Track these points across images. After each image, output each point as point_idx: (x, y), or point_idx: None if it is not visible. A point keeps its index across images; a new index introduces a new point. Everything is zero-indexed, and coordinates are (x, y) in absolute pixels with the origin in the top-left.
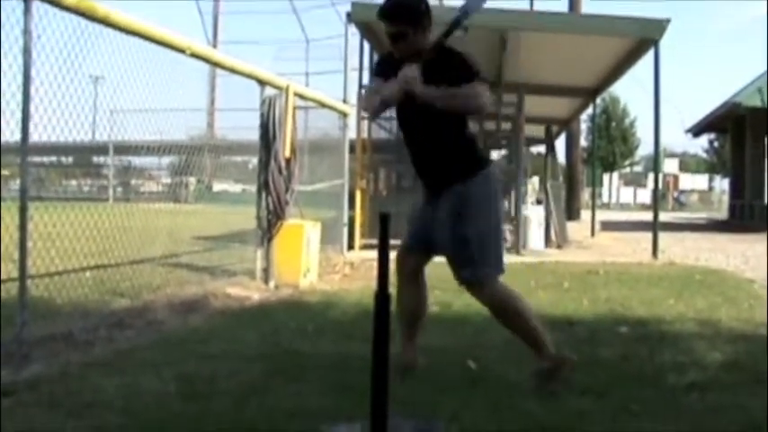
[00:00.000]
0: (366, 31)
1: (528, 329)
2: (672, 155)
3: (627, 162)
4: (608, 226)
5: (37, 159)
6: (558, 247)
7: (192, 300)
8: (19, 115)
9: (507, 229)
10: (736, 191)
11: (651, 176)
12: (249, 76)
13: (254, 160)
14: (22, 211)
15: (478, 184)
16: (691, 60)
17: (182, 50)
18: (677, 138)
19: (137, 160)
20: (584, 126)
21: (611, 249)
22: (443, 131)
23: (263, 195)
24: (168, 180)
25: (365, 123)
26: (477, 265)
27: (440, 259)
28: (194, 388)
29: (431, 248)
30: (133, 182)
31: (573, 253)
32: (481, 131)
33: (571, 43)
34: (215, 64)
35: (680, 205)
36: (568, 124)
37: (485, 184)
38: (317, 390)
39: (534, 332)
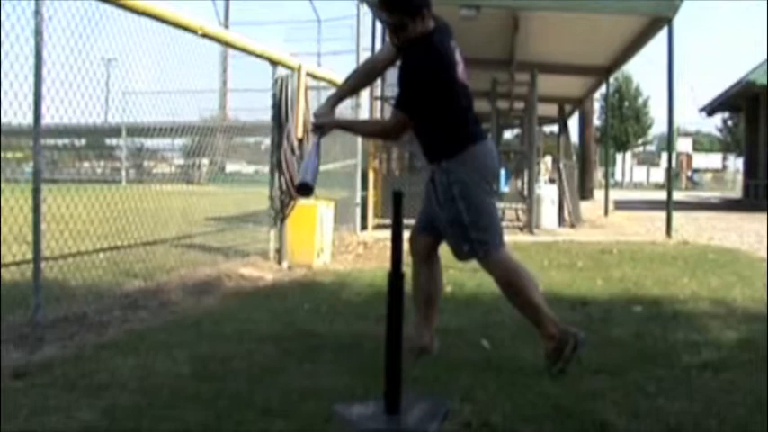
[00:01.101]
0: (377, 14)
1: (529, 306)
2: (685, 134)
3: (640, 141)
4: (621, 205)
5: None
6: (572, 226)
7: (206, 280)
8: (31, 98)
9: (520, 208)
10: (749, 170)
11: (664, 155)
12: (261, 56)
13: (267, 141)
14: (36, 192)
15: (464, 161)
16: (705, 38)
17: (193, 31)
18: (691, 117)
19: (149, 142)
20: (597, 105)
21: (624, 228)
22: (426, 110)
23: (276, 176)
24: (181, 161)
25: (378, 103)
26: (474, 242)
27: None
28: (208, 369)
29: (437, 228)
30: (146, 164)
31: (586, 232)
32: (494, 111)
33: (584, 22)
34: (227, 44)
35: (693, 184)
36: (581, 103)
37: (472, 159)
38: (330, 370)
39: (535, 309)
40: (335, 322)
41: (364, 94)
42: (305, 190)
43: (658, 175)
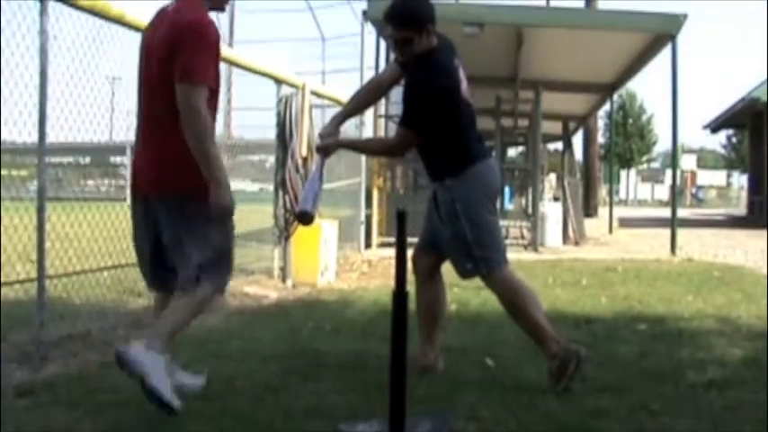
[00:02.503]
0: (382, 29)
1: (532, 324)
2: (689, 151)
3: (644, 158)
4: (626, 222)
5: (54, 160)
6: (576, 244)
7: None
8: (36, 116)
9: (524, 226)
10: (754, 186)
11: (669, 173)
12: (266, 74)
13: (272, 159)
14: (40, 211)
15: (467, 179)
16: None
17: None
18: (695, 134)
19: None
20: (601, 123)
21: (629, 246)
22: (430, 128)
23: (281, 194)
24: None
25: (381, 121)
26: (478, 259)
27: None
28: (212, 387)
29: (440, 246)
30: None
31: (591, 250)
32: (498, 128)
33: (588, 39)
34: (231, 63)
35: (698, 201)
36: (585, 121)
37: (475, 178)
38: (334, 389)
39: (538, 327)
40: (340, 341)
41: (368, 112)
42: (305, 218)
43: (663, 192)
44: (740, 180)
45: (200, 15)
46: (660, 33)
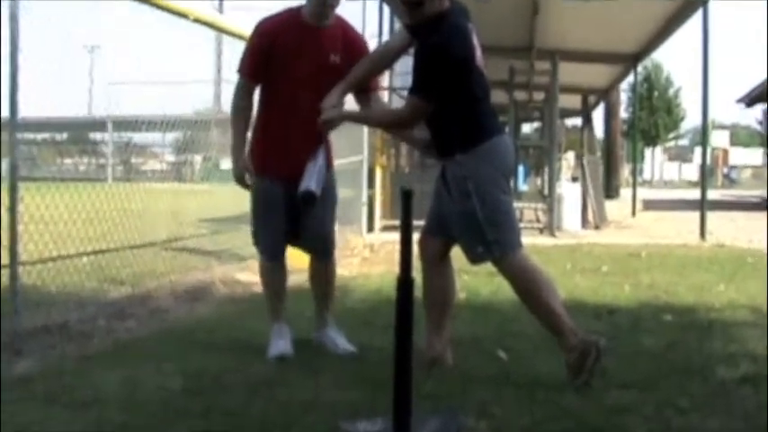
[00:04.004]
0: None
1: (548, 313)
2: (721, 127)
3: (671, 135)
4: (651, 205)
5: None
6: (596, 227)
7: (199, 287)
8: (7, 88)
9: (540, 208)
10: None
11: (698, 150)
12: None
13: None
14: (12, 190)
15: (480, 155)
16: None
17: (184, 16)
18: (727, 108)
19: (137, 137)
20: (624, 96)
21: (654, 230)
22: (442, 97)
23: None
24: (172, 158)
25: (385, 94)
26: (490, 242)
27: None
28: (201, 382)
29: (449, 229)
30: (134, 160)
31: (612, 234)
32: (511, 102)
33: (611, 4)
34: (221, 30)
35: (730, 182)
36: (607, 94)
37: (488, 154)
38: (334, 383)
39: (555, 317)
40: (339, 331)
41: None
42: (308, 199)
43: (691, 171)
44: None
45: None
46: None
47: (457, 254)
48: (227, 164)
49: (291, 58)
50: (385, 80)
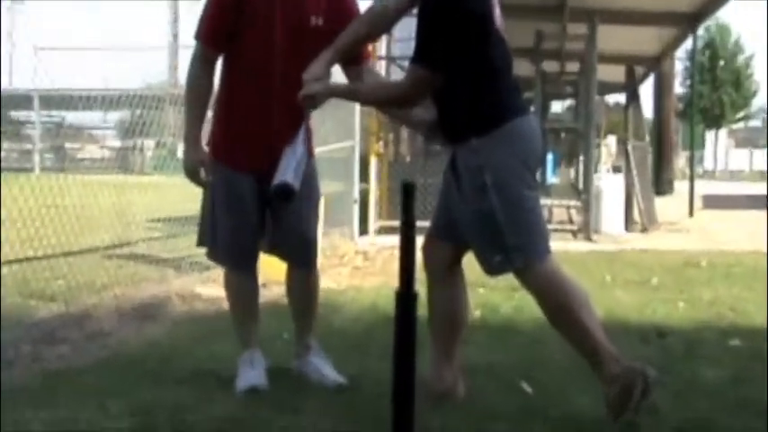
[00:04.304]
0: None
1: (583, 336)
2: None
3: (739, 115)
4: (713, 201)
5: None
6: (644, 230)
7: (151, 303)
8: None
9: (574, 206)
10: None
11: None
12: None
13: None
14: None
15: (499, 140)
16: None
17: None
18: None
19: (72, 116)
20: (679, 66)
21: (716, 233)
22: (452, 68)
23: None
24: (116, 143)
25: (382, 65)
26: (511, 249)
27: None
28: (153, 422)
29: (460, 233)
30: (68, 145)
31: (664, 238)
32: (538, 74)
33: None
34: None
35: None
36: (658, 64)
37: (509, 139)
38: (319, 421)
39: (591, 341)
40: (325, 358)
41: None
42: (285, 193)
43: (765, 160)
44: None
45: None
46: None
47: (470, 263)
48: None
49: (262, 21)
50: (381, 48)
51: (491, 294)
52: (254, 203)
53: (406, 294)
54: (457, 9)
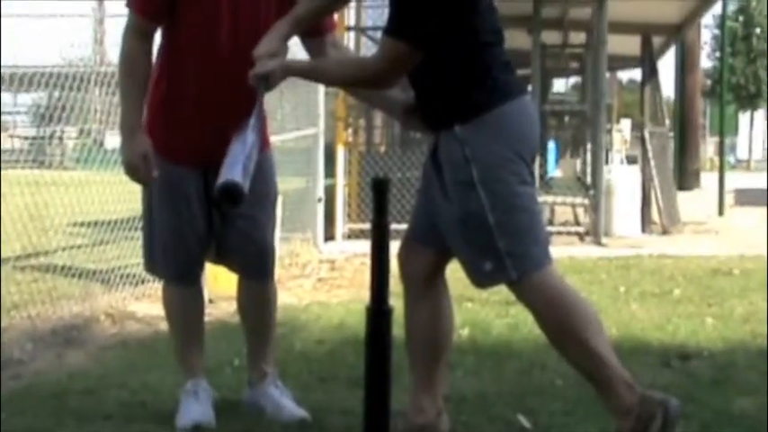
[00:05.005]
0: None
1: (589, 359)
2: None
3: None
4: (747, 197)
5: None
6: (664, 231)
7: (73, 324)
8: None
9: (580, 204)
10: None
11: None
12: None
13: None
14: None
15: (489, 127)
16: None
17: None
18: None
19: None
20: (707, 36)
21: (751, 235)
22: (432, 43)
23: None
24: (30, 131)
25: (350, 36)
26: (504, 255)
27: None
28: None
29: (443, 237)
30: None
31: (688, 242)
32: (537, 47)
33: None
34: None
35: None
36: (680, 33)
37: (500, 125)
38: None
39: (599, 364)
40: (284, 388)
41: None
42: (231, 195)
43: None
44: None
45: None
46: None
47: (456, 272)
48: (114, 141)
49: None
50: (349, 16)
51: (481, 310)
52: (198, 204)
53: (378, 310)
54: None
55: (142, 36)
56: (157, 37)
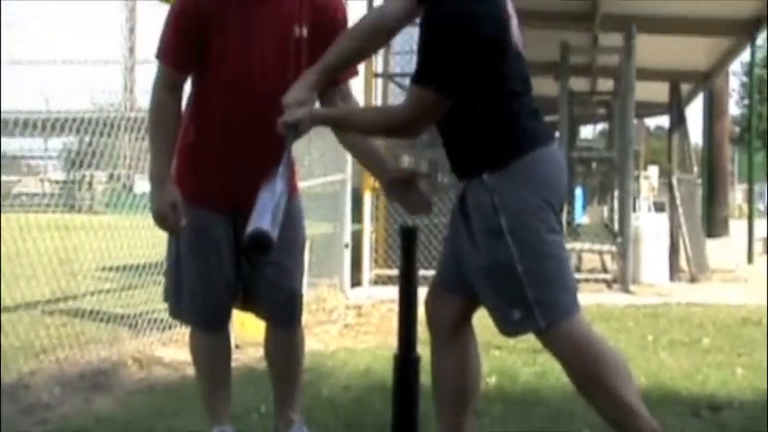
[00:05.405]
0: None
1: (618, 408)
2: None
3: None
4: None
5: None
6: (693, 279)
7: (101, 369)
8: None
9: (608, 251)
10: None
11: None
12: None
13: None
14: None
15: (517, 175)
16: None
17: None
18: None
19: (7, 143)
20: (735, 82)
21: None
22: (465, 97)
23: None
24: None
25: (378, 83)
26: (532, 304)
27: None
28: None
29: (471, 284)
30: (2, 178)
31: (717, 290)
32: (564, 94)
33: None
34: None
35: None
36: (708, 80)
37: (528, 174)
38: None
39: (628, 413)
40: None
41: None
42: (260, 244)
43: None
44: None
45: None
46: None
47: (483, 319)
48: (143, 185)
49: (235, 35)
50: (377, 63)
51: (508, 357)
52: (227, 251)
53: (406, 358)
54: (468, 34)
55: (172, 87)
56: (187, 86)
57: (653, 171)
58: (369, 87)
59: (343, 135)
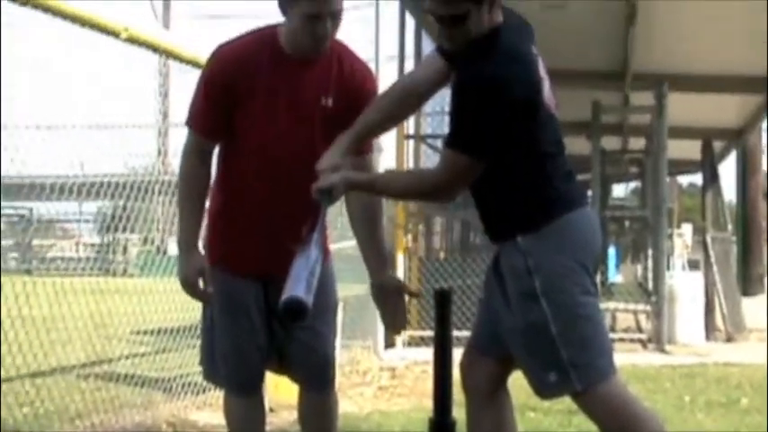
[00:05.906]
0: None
1: None
2: None
3: None
4: None
5: None
6: (729, 339)
7: None
8: None
9: (642, 311)
10: None
11: None
12: None
13: None
14: None
15: (551, 238)
16: None
17: (115, 33)
18: None
19: (41, 207)
20: None
21: None
22: (498, 160)
23: None
24: (95, 239)
25: (410, 144)
26: (568, 366)
27: None
28: None
29: (506, 346)
30: (36, 242)
31: (754, 349)
32: (596, 153)
33: (741, 7)
34: (166, 53)
35: None
36: (742, 138)
37: (562, 236)
38: None
39: None
40: None
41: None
42: (295, 312)
43: None
44: None
45: None
46: None
47: (518, 381)
48: (176, 248)
49: (262, 102)
50: (409, 124)
51: (543, 419)
52: (259, 316)
53: (441, 422)
54: (499, 97)
55: (201, 153)
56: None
57: (686, 229)
58: (400, 149)
59: (354, 227)
